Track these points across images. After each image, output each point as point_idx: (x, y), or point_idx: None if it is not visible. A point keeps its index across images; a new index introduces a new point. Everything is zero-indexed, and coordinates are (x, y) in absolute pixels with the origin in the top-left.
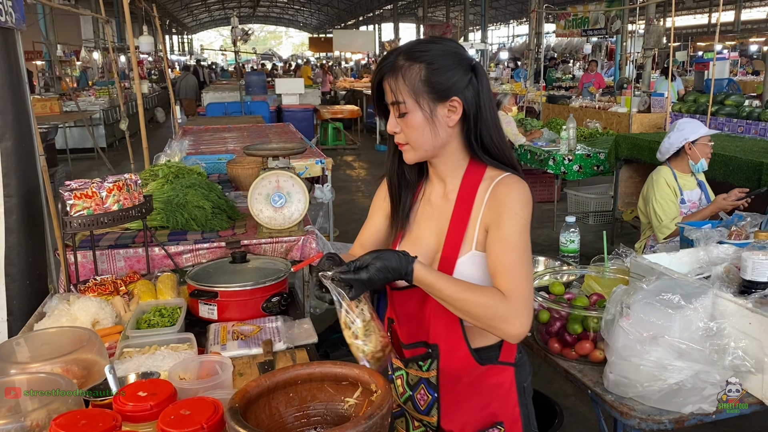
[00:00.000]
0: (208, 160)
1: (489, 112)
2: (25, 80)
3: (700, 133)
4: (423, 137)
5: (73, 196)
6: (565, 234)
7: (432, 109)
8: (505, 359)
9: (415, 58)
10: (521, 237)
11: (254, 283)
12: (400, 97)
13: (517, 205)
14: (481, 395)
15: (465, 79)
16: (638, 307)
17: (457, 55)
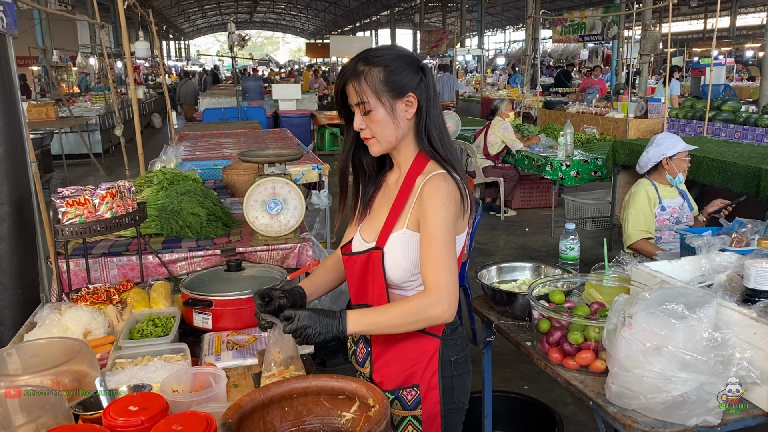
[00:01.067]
0: (204, 167)
1: (435, 106)
2: (17, 86)
3: (678, 148)
4: (387, 130)
5: (65, 204)
6: (564, 241)
7: (392, 105)
8: (431, 330)
9: (372, 63)
10: (443, 230)
11: (250, 292)
12: (364, 97)
13: (438, 203)
14: (405, 357)
15: (416, 77)
16: (641, 316)
17: (408, 58)
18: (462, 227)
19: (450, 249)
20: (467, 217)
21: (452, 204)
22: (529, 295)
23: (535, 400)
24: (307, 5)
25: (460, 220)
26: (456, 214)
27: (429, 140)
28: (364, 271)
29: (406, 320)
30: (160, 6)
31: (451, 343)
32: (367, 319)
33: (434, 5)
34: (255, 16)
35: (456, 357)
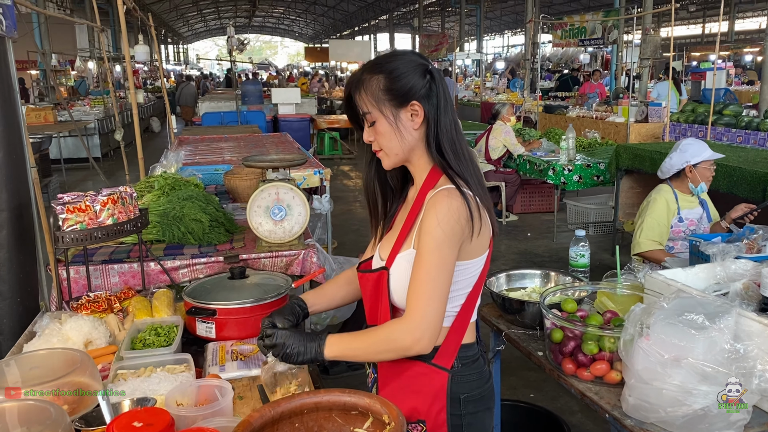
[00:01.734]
0: (205, 171)
1: (447, 115)
2: (16, 89)
3: (703, 156)
4: (392, 142)
5: (66, 210)
6: (575, 248)
7: (395, 115)
8: (439, 362)
9: (374, 70)
10: (435, 252)
11: (254, 300)
12: (366, 107)
13: (434, 221)
14: (411, 389)
15: (421, 83)
16: (659, 327)
17: (413, 62)
18: (473, 252)
19: (438, 274)
20: (482, 240)
21: (452, 223)
22: (542, 304)
23: (543, 408)
24: (306, 9)
25: (467, 242)
26: (456, 235)
27: (440, 152)
28: (375, 291)
29: (375, 349)
30: (159, 10)
31: (464, 379)
32: (343, 345)
33: (433, 10)
34: (253, 20)
35: (468, 394)
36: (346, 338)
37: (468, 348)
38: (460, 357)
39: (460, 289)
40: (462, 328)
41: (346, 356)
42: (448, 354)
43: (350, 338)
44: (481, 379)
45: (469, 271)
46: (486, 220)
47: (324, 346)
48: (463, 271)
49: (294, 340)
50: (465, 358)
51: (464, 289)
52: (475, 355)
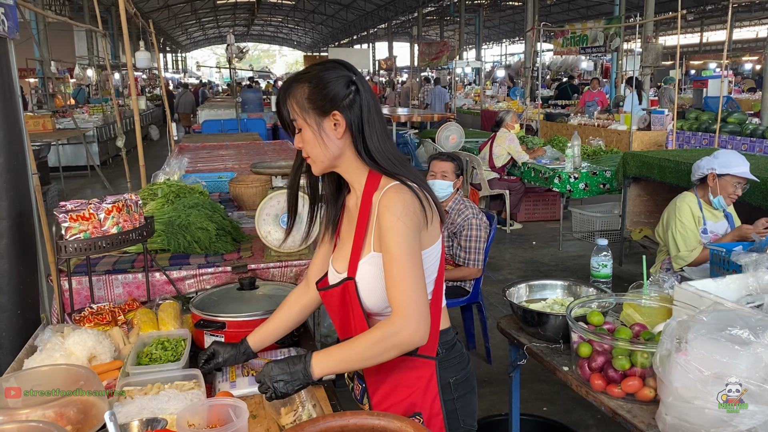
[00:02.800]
0: (208, 179)
1: (373, 124)
2: (18, 93)
3: (731, 170)
4: (316, 150)
5: (69, 219)
6: (596, 258)
7: (318, 124)
8: (424, 352)
9: (301, 79)
10: (402, 246)
11: (264, 312)
12: (292, 114)
13: (393, 218)
14: (402, 386)
15: (344, 93)
16: (699, 342)
17: (336, 73)
18: (430, 239)
19: (412, 265)
20: (434, 226)
21: (410, 216)
22: (568, 317)
23: (557, 422)
24: (305, 18)
25: (424, 231)
26: (416, 226)
27: (373, 159)
28: (342, 304)
29: (374, 351)
30: (158, 18)
31: (449, 364)
32: (333, 359)
33: (431, 18)
34: (252, 29)
35: (456, 377)
36: (335, 351)
37: (446, 333)
38: (441, 343)
39: (429, 276)
40: (437, 315)
41: (340, 369)
42: (431, 342)
43: (339, 350)
44: (463, 361)
45: (431, 258)
46: (434, 208)
47: (310, 366)
48: (426, 258)
49: (276, 371)
50: (446, 344)
51: (431, 276)
52: (453, 340)
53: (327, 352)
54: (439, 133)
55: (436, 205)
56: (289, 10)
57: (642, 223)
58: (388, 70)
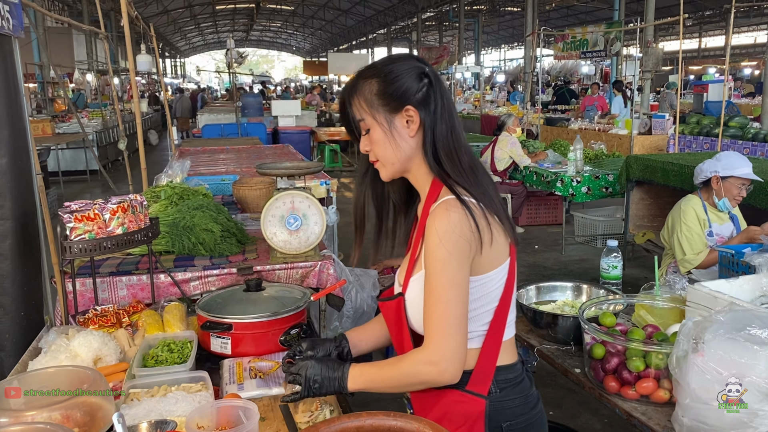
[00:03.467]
0: (211, 182)
1: (445, 121)
2: (22, 92)
3: (734, 172)
4: (386, 151)
5: (74, 219)
6: (606, 259)
7: (389, 121)
8: (473, 389)
9: (368, 75)
10: (441, 275)
11: (272, 314)
12: (359, 114)
13: (435, 240)
14: (447, 419)
15: (416, 86)
16: (716, 342)
17: (407, 65)
18: (489, 263)
19: (450, 298)
20: (497, 249)
21: (453, 240)
22: (581, 318)
23: (564, 426)
24: (304, 24)
25: (478, 256)
26: (461, 252)
27: (438, 161)
28: (396, 319)
29: (401, 382)
30: (157, 23)
31: (504, 405)
32: (366, 377)
33: (430, 24)
34: (251, 35)
35: (511, 422)
36: (369, 371)
37: (507, 370)
38: (497, 381)
39: (485, 305)
40: (494, 348)
41: (369, 388)
42: (483, 378)
43: (371, 370)
44: (527, 404)
45: (490, 285)
46: (498, 228)
47: (347, 379)
48: (483, 285)
49: (315, 371)
50: (504, 382)
51: (489, 305)
52: (517, 378)
53: (362, 368)
54: None
55: (509, 224)
56: (288, 16)
57: (645, 226)
58: None
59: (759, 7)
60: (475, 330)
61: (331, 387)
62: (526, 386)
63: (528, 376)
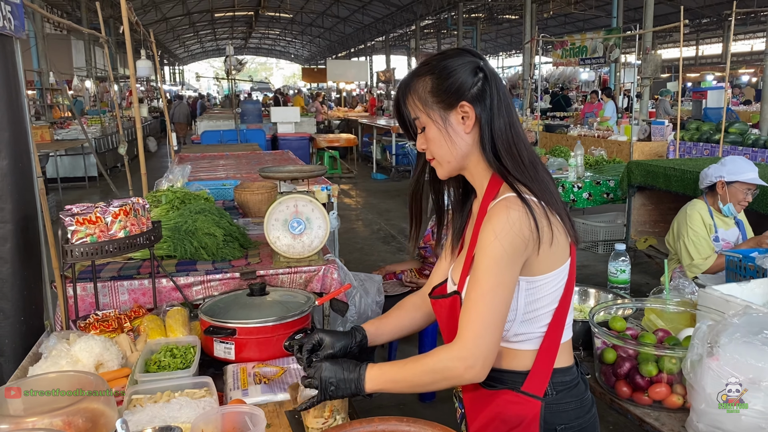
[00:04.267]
0: (212, 187)
1: (503, 116)
2: (24, 93)
3: (739, 177)
4: (442, 149)
5: (75, 222)
6: (614, 263)
7: (444, 119)
8: (529, 390)
9: (422, 72)
10: (490, 271)
11: (276, 319)
12: (414, 113)
13: (491, 236)
14: (500, 420)
15: (471, 81)
16: (732, 346)
17: (461, 60)
18: (548, 264)
19: (494, 296)
20: (558, 249)
21: (511, 236)
22: (592, 322)
23: None
24: (302, 31)
25: (534, 256)
26: (518, 250)
27: (497, 158)
28: (449, 318)
29: (424, 380)
30: (156, 31)
31: (560, 408)
32: (385, 377)
33: (428, 32)
34: (249, 42)
35: (565, 426)
36: (389, 370)
37: (564, 372)
38: (554, 383)
39: (544, 307)
40: (552, 350)
41: (389, 389)
42: (540, 380)
43: (393, 370)
44: (582, 407)
45: (551, 285)
46: (559, 227)
47: (364, 380)
48: (544, 285)
49: (330, 373)
50: (560, 384)
51: (548, 306)
52: (573, 381)
53: (381, 368)
54: None
55: (570, 222)
56: (287, 23)
57: (647, 232)
58: (386, 82)
59: (756, 15)
60: (533, 331)
61: (348, 389)
62: (581, 390)
63: (583, 380)
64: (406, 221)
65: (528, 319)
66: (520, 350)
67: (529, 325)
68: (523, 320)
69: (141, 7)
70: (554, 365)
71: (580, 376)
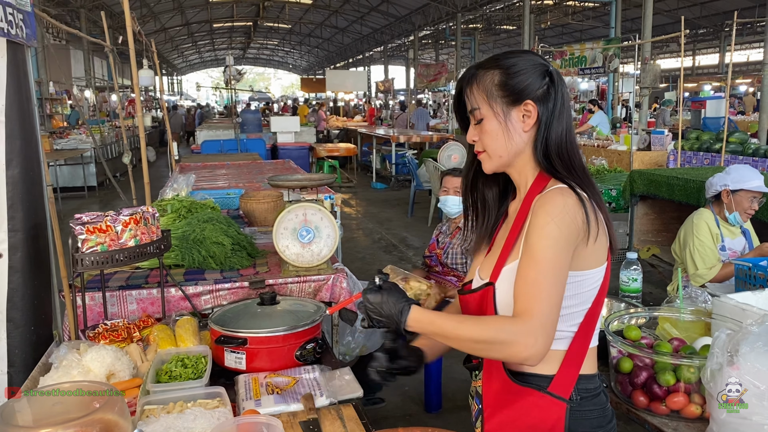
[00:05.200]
0: (216, 195)
1: (561, 121)
2: (34, 101)
3: (745, 185)
4: (497, 143)
5: (86, 231)
6: (626, 272)
7: (506, 113)
8: (555, 391)
9: (490, 66)
10: (549, 251)
11: (287, 328)
12: (475, 103)
13: (546, 218)
14: (522, 421)
15: (539, 83)
16: (752, 355)
17: (532, 61)
18: (589, 261)
19: (555, 275)
20: (599, 248)
21: (566, 220)
22: (607, 331)
23: None
24: (301, 42)
25: (582, 248)
26: (571, 235)
27: (548, 159)
28: (480, 312)
29: (476, 342)
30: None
31: (583, 415)
32: (433, 324)
33: (427, 42)
34: (248, 52)
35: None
36: (436, 316)
37: (588, 379)
38: (579, 389)
39: (578, 305)
40: (581, 353)
41: (431, 334)
42: (566, 382)
43: (442, 319)
44: (604, 417)
45: (587, 284)
46: (603, 226)
47: (407, 315)
48: (580, 282)
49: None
50: (585, 391)
51: (582, 305)
52: (596, 389)
53: (427, 312)
54: (441, 153)
55: (609, 228)
56: (286, 34)
57: (650, 241)
58: (385, 92)
59: (752, 25)
60: (564, 330)
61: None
62: (603, 400)
63: (604, 392)
64: (407, 230)
65: (562, 314)
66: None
67: (561, 322)
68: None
69: (140, 17)
70: (581, 371)
71: (602, 387)
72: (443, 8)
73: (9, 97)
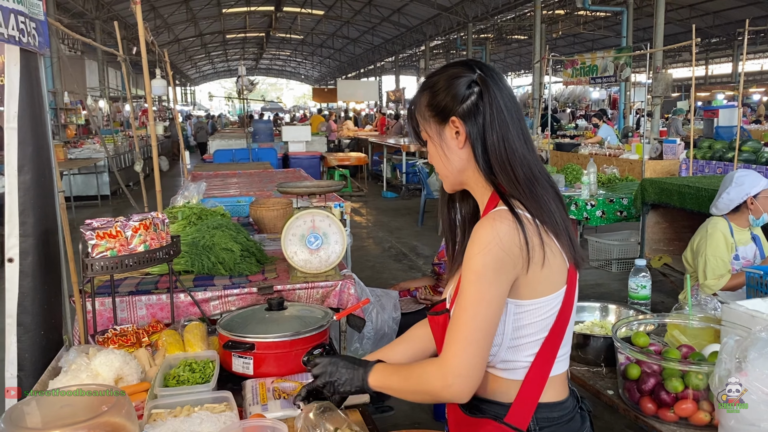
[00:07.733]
0: (226, 203)
1: (495, 130)
2: (47, 109)
3: (762, 185)
4: (439, 163)
5: (96, 236)
6: (635, 279)
7: (440, 133)
8: (511, 421)
9: (422, 87)
10: (471, 287)
11: (294, 334)
12: (419, 126)
13: (474, 249)
14: None
15: (462, 96)
16: (761, 361)
17: (453, 75)
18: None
19: (477, 312)
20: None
21: (495, 250)
22: (615, 338)
23: None
24: (312, 52)
25: (523, 276)
26: (504, 265)
27: (495, 174)
28: (442, 336)
29: (410, 387)
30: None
31: None
32: (384, 378)
33: (438, 52)
34: (260, 63)
35: None
36: (389, 373)
37: (551, 408)
38: (538, 418)
39: (532, 335)
40: (539, 382)
41: (386, 391)
42: (523, 412)
43: (392, 373)
44: None
45: (540, 312)
46: (555, 249)
47: (369, 374)
48: (532, 311)
49: (341, 365)
50: (545, 420)
51: (537, 335)
52: (562, 417)
53: (384, 369)
54: None
55: (571, 244)
56: (298, 44)
57: (661, 250)
58: (396, 101)
59: (765, 34)
60: (519, 360)
61: (355, 382)
62: (575, 427)
63: (581, 416)
64: (417, 239)
65: (514, 345)
66: (505, 379)
67: (515, 353)
68: (510, 346)
69: (154, 28)
70: (541, 399)
71: (576, 411)
72: (454, 18)
73: (22, 104)
